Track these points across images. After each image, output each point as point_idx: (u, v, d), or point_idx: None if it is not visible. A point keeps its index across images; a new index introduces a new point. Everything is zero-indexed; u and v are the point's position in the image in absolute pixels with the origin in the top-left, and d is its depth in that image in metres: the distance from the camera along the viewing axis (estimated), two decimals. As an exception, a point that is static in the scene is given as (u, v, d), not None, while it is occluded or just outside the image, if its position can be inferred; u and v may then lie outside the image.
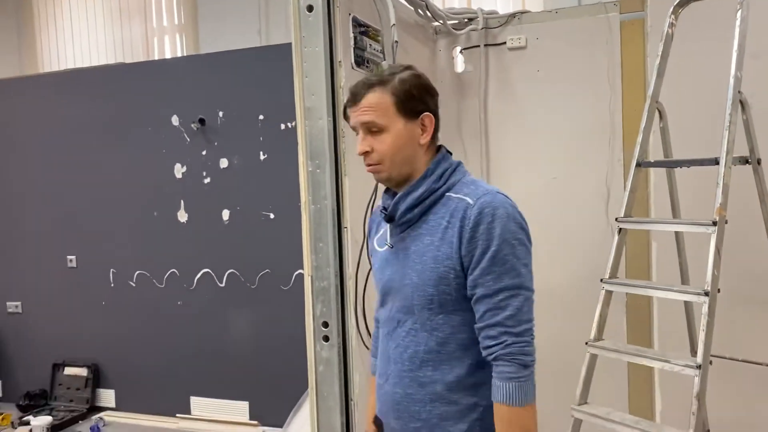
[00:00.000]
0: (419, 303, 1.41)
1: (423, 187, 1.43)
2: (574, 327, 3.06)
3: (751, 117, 2.17)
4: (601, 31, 3.17)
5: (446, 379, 1.41)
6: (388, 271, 1.50)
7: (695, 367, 1.86)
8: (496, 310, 1.37)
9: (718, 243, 1.93)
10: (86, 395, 4.32)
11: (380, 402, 1.54)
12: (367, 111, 1.43)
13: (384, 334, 1.53)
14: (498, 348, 1.36)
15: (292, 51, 2.29)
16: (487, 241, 1.37)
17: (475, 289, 1.38)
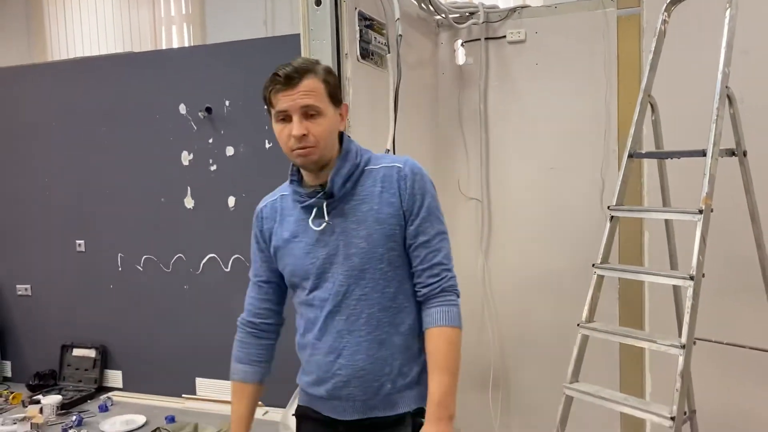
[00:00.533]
0: (371, 265, 1.55)
1: (348, 164, 1.58)
2: (569, 311, 3.18)
3: (737, 111, 2.27)
4: (599, 26, 3.28)
5: (400, 329, 1.59)
6: (322, 251, 1.59)
7: (680, 347, 1.97)
8: (435, 252, 1.59)
9: (704, 231, 2.04)
10: (94, 376, 4.43)
11: (332, 379, 1.61)
12: (308, 95, 1.53)
13: (327, 311, 1.60)
14: (443, 282, 1.59)
15: (301, 44, 2.39)
16: (422, 195, 1.58)
17: (417, 237, 1.58)
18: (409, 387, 1.61)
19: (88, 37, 4.83)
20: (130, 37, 4.67)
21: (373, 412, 1.61)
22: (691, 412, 2.67)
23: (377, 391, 1.59)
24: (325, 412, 1.67)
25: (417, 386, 1.62)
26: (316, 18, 2.39)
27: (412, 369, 1.60)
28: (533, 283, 3.49)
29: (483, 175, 3.54)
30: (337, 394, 1.62)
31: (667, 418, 1.95)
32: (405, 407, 1.60)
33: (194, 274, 4.21)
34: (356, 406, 1.61)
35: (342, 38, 2.40)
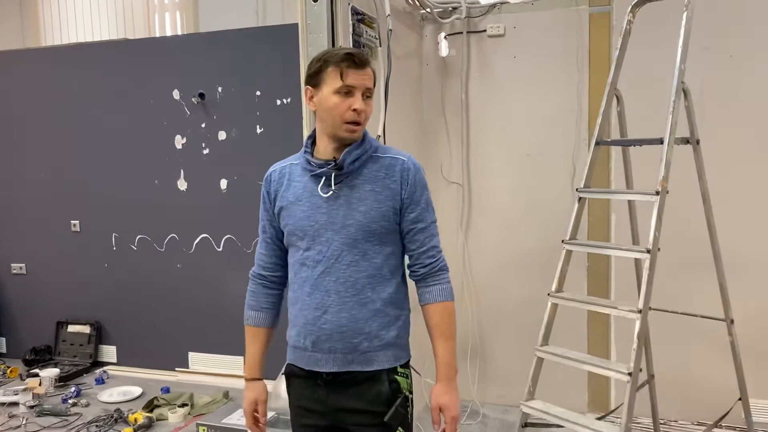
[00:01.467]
0: (362, 237, 1.72)
1: (362, 147, 1.75)
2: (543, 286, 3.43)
3: (692, 103, 2.52)
4: (572, 22, 3.52)
5: (382, 296, 1.75)
6: (323, 216, 1.73)
7: (637, 312, 2.23)
8: (431, 237, 1.80)
9: (660, 210, 2.30)
10: (89, 351, 4.62)
11: (316, 333, 1.75)
12: (371, 79, 1.73)
13: (319, 271, 1.74)
14: (438, 262, 1.80)
15: (299, 37, 2.58)
16: (422, 188, 1.78)
17: (416, 224, 1.77)
18: (385, 348, 1.77)
19: (81, 23, 4.93)
20: (124, 23, 4.79)
21: (351, 365, 1.75)
22: (650, 377, 2.94)
23: (356, 347, 1.74)
24: (307, 366, 1.80)
25: (392, 348, 1.78)
26: (313, 12, 2.58)
27: (389, 332, 1.77)
28: (509, 261, 3.74)
29: (464, 160, 3.77)
30: (320, 347, 1.76)
31: (625, 374, 2.21)
32: (380, 365, 1.76)
33: (187, 254, 4.40)
34: (336, 359, 1.76)
35: (337, 32, 2.60)
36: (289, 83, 4.02)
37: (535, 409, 2.42)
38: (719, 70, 3.22)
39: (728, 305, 2.66)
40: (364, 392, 1.76)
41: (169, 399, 3.85)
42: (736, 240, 3.10)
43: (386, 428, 1.74)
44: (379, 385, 1.76)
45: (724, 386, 3.10)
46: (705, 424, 3.31)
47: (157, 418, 3.64)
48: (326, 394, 1.79)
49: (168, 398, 3.86)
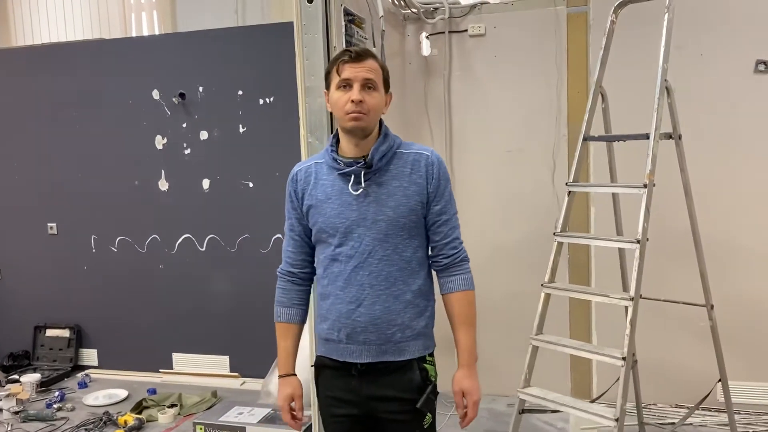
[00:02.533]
0: (393, 232, 1.78)
1: (387, 144, 1.81)
2: (526, 277, 3.56)
3: (674, 101, 2.65)
4: (550, 22, 3.63)
5: (412, 288, 1.82)
6: (354, 214, 1.77)
7: (629, 299, 2.34)
8: (453, 228, 1.87)
9: (648, 202, 2.41)
10: (69, 355, 4.56)
11: (350, 326, 1.81)
12: (371, 70, 1.76)
13: (352, 266, 1.80)
14: (461, 253, 1.88)
15: (294, 37, 2.61)
16: (445, 181, 1.85)
17: (441, 216, 1.84)
18: (415, 338, 1.83)
19: (54, 22, 4.83)
20: (99, 23, 4.72)
21: (385, 356, 1.80)
22: (633, 362, 3.07)
23: (389, 339, 1.80)
24: (341, 357, 1.85)
25: (422, 337, 1.85)
26: (308, 14, 2.61)
27: (419, 323, 1.83)
28: (491, 254, 3.83)
29: (447, 157, 3.85)
30: (355, 339, 1.82)
31: (619, 358, 2.32)
32: (411, 354, 1.82)
33: (169, 254, 4.39)
34: (371, 350, 1.82)
35: (331, 32, 2.64)
36: (271, 82, 4.05)
37: (532, 395, 2.51)
38: (690, 68, 3.37)
39: (708, 292, 2.80)
40: (395, 381, 1.81)
41: (157, 400, 3.84)
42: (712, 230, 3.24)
43: (417, 414, 1.80)
44: (411, 374, 1.81)
45: (702, 370, 3.26)
46: (683, 407, 3.48)
47: (147, 420, 3.64)
48: (359, 384, 1.83)
49: (156, 399, 3.85)
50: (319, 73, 2.62)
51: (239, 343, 4.29)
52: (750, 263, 3.41)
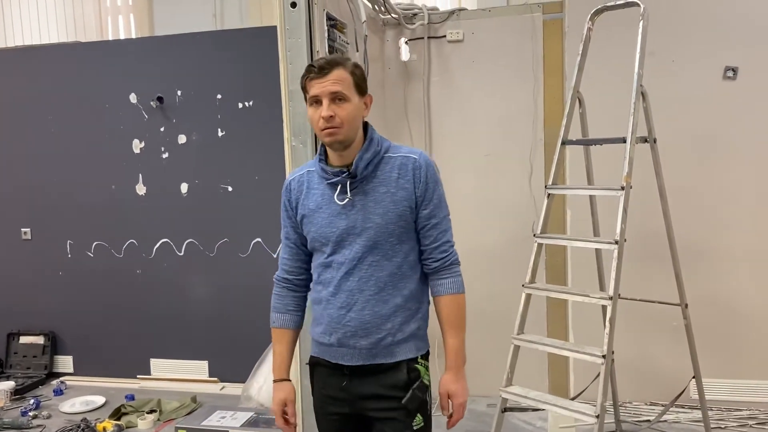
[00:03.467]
0: (383, 238, 1.78)
1: (372, 150, 1.79)
2: (504, 279, 3.62)
3: (649, 105, 2.73)
4: (527, 29, 3.70)
5: (403, 292, 1.82)
6: (343, 223, 1.79)
7: (608, 299, 2.41)
8: (443, 232, 1.86)
9: (625, 204, 2.48)
10: (44, 362, 4.49)
11: (341, 330, 1.83)
12: (336, 83, 1.72)
13: (342, 273, 1.82)
14: (451, 256, 1.88)
15: (278, 42, 2.63)
16: (434, 184, 1.83)
17: (430, 219, 1.83)
18: (406, 340, 1.84)
19: (29, 25, 4.77)
20: (74, 26, 4.66)
21: (375, 359, 1.83)
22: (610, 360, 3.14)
23: (379, 342, 1.82)
24: (333, 359, 1.88)
25: (413, 339, 1.85)
26: (291, 18, 2.63)
27: (409, 326, 1.84)
28: (469, 256, 3.81)
29: (425, 161, 3.90)
30: (346, 343, 1.84)
31: (599, 356, 2.38)
32: (402, 356, 1.83)
33: (147, 259, 4.35)
34: (361, 353, 1.84)
35: (314, 37, 2.66)
36: (251, 86, 4.05)
37: (514, 394, 2.56)
38: (662, 74, 3.46)
39: (683, 291, 2.88)
40: (384, 380, 1.83)
41: (136, 406, 3.81)
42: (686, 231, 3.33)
43: (405, 412, 1.81)
44: (399, 373, 1.83)
45: (676, 368, 3.35)
46: (658, 404, 3.56)
47: (126, 426, 3.61)
48: (350, 384, 1.86)
49: (135, 405, 3.82)
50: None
51: (218, 348, 4.27)
52: (722, 263, 3.51)
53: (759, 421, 3.37)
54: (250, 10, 4.51)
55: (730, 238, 3.51)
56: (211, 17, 4.49)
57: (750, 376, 3.54)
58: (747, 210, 3.49)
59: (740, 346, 3.53)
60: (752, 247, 3.49)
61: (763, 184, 3.47)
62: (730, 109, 3.47)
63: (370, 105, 1.85)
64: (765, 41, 3.41)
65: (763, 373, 3.52)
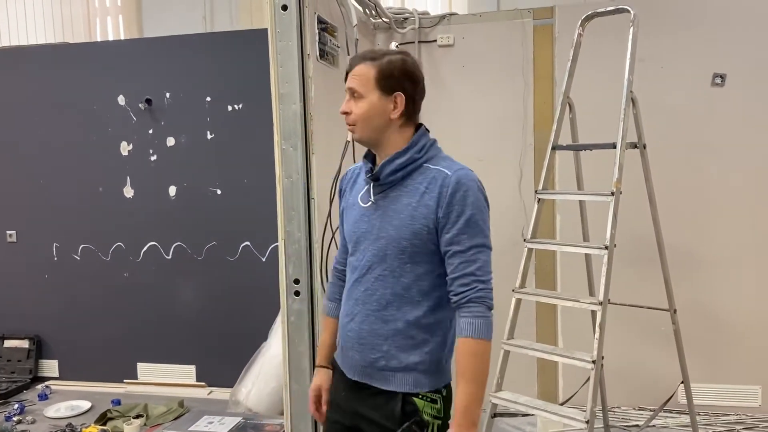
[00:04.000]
0: (392, 253, 1.65)
1: (407, 156, 1.65)
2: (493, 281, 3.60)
3: (639, 111, 2.74)
4: (517, 34, 3.71)
5: (406, 318, 1.66)
6: (364, 225, 1.71)
7: (598, 304, 2.41)
8: (469, 263, 1.60)
9: (615, 209, 2.48)
10: (29, 366, 4.44)
11: (344, 338, 1.77)
12: (354, 78, 1.66)
13: (354, 279, 1.72)
14: (471, 292, 1.60)
15: (269, 44, 2.61)
16: (463, 206, 1.60)
17: (450, 246, 1.61)
18: (404, 371, 1.68)
19: (16, 25, 4.73)
20: (62, 27, 4.62)
21: (369, 379, 1.72)
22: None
23: (373, 363, 1.70)
24: (340, 365, 1.83)
25: (412, 372, 1.68)
26: (282, 21, 2.61)
27: (409, 356, 1.67)
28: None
29: (415, 165, 3.89)
30: (346, 352, 1.79)
31: (589, 362, 2.37)
32: (397, 386, 1.68)
33: (134, 262, 4.31)
34: (356, 368, 1.76)
35: (305, 40, 2.65)
36: (240, 89, 4.03)
37: (504, 399, 2.55)
38: (651, 80, 3.48)
39: (672, 297, 2.89)
40: (379, 406, 1.72)
41: (122, 411, 3.77)
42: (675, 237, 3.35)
43: None
44: (394, 404, 1.69)
45: (664, 373, 3.36)
46: (647, 409, 3.57)
47: (112, 431, 3.56)
48: (348, 396, 1.80)
49: (121, 410, 3.78)
50: (293, 80, 2.63)
51: (206, 353, 4.24)
52: (711, 269, 3.54)
53: (746, 426, 3.38)
54: (240, 13, 4.49)
55: (719, 243, 3.53)
56: (200, 19, 4.46)
57: (737, 381, 3.56)
58: (735, 216, 3.51)
59: (728, 351, 3.55)
60: (741, 253, 3.51)
61: (752, 190, 3.49)
62: (719, 115, 3.49)
63: (401, 105, 1.68)
64: (753, 49, 3.44)
65: (750, 378, 3.54)
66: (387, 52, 1.72)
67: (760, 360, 3.52)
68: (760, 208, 3.48)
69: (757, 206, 3.49)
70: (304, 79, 2.66)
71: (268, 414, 3.54)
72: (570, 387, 3.60)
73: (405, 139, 1.70)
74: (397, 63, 1.68)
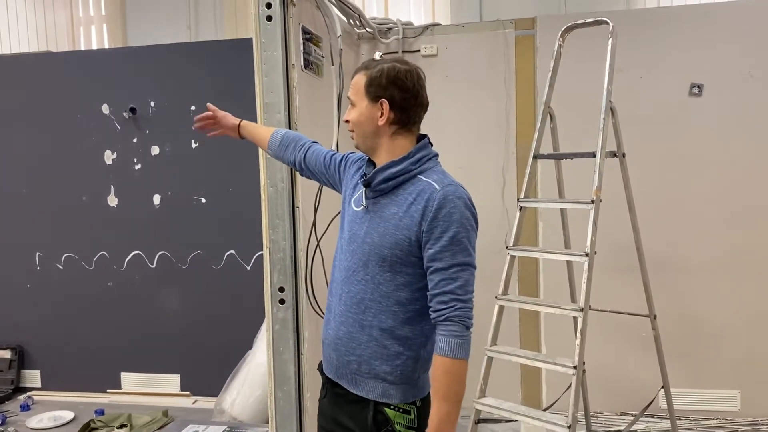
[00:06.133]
0: (374, 259, 1.66)
1: (401, 166, 1.65)
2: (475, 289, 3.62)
3: (618, 121, 2.79)
4: (499, 44, 3.77)
5: (382, 326, 1.67)
6: (355, 227, 1.73)
7: (579, 310, 2.45)
8: (449, 281, 1.58)
9: (595, 217, 2.53)
10: (10, 377, 4.39)
11: (324, 335, 1.80)
12: (351, 87, 1.74)
13: (340, 278, 1.74)
14: (449, 311, 1.58)
15: (254, 54, 2.64)
16: (448, 223, 1.58)
17: (433, 262, 1.59)
18: (375, 378, 1.69)
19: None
20: (45, 36, 4.60)
21: (342, 380, 1.75)
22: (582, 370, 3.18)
23: (346, 365, 1.73)
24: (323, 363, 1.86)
25: (382, 382, 1.69)
26: (267, 31, 2.64)
27: (381, 365, 1.68)
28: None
29: (399, 173, 3.92)
30: (325, 349, 1.82)
31: (571, 367, 2.41)
32: (366, 393, 1.70)
33: (118, 271, 4.30)
34: (333, 367, 1.78)
35: (289, 50, 2.67)
36: (225, 98, 4.01)
37: (487, 405, 2.58)
38: (630, 90, 3.55)
39: (651, 303, 2.94)
40: (354, 413, 1.73)
41: (106, 421, 3.75)
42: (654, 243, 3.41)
43: None
44: (365, 412, 1.71)
45: (645, 378, 3.40)
46: (628, 414, 3.61)
47: (96, 441, 3.55)
48: (327, 402, 1.82)
49: (105, 420, 3.76)
50: (278, 89, 2.66)
51: (190, 362, 4.22)
52: (690, 275, 3.60)
53: (727, 429, 3.44)
54: (225, 22, 4.51)
55: (697, 249, 3.60)
56: (185, 29, 4.47)
57: (717, 385, 3.62)
58: (712, 222, 3.58)
59: (708, 356, 3.61)
60: (718, 259, 3.58)
61: (728, 197, 3.56)
62: (696, 125, 3.56)
63: (386, 112, 1.68)
64: (729, 59, 3.51)
65: (730, 383, 3.60)
66: (385, 61, 1.74)
67: (738, 364, 3.58)
68: (737, 215, 3.56)
69: (734, 213, 3.56)
70: (289, 88, 2.69)
71: (253, 422, 3.54)
72: (553, 393, 3.64)
73: (401, 147, 1.71)
74: (386, 71, 1.68)
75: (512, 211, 3.76)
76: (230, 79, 3.97)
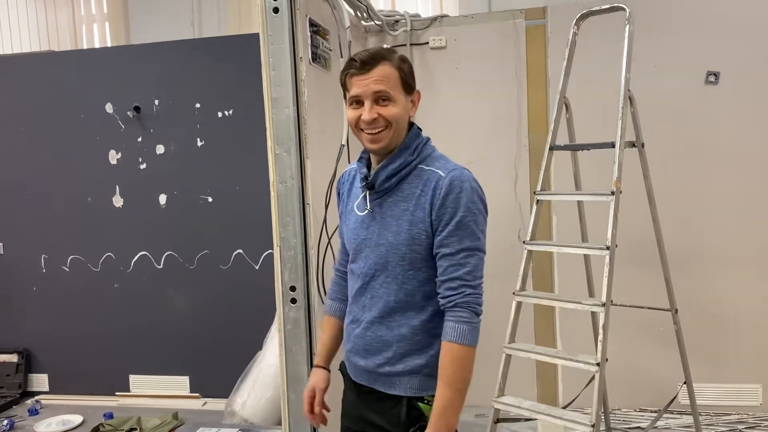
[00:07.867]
0: (393, 260, 1.61)
1: (400, 160, 1.61)
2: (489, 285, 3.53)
3: (637, 110, 2.71)
4: (510, 35, 3.69)
5: (411, 323, 1.63)
6: (363, 233, 1.67)
7: (600, 305, 2.37)
8: (458, 266, 1.56)
9: (616, 209, 2.45)
10: (18, 381, 4.34)
11: (351, 343, 1.75)
12: (380, 81, 1.55)
13: (358, 286, 1.70)
14: (457, 297, 1.56)
15: (260, 48, 2.57)
16: (455, 208, 1.56)
17: (440, 248, 1.57)
18: (409, 374, 1.65)
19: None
20: (48, 35, 4.54)
21: (375, 384, 1.71)
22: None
23: (377, 368, 1.68)
24: (348, 370, 1.80)
25: (417, 376, 1.66)
26: (273, 24, 2.57)
27: (414, 360, 1.64)
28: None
29: (409, 168, 3.85)
30: (352, 357, 1.76)
31: (594, 364, 2.33)
32: (401, 391, 1.66)
33: (125, 273, 4.24)
34: (362, 373, 1.73)
35: (297, 43, 2.60)
36: (231, 95, 3.98)
37: (507, 404, 2.51)
38: (645, 79, 3.46)
39: (673, 296, 2.86)
40: (385, 411, 1.70)
41: (115, 424, 3.69)
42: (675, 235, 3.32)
43: None
44: (399, 409, 1.67)
45: (665, 374, 3.33)
46: (647, 410, 3.54)
47: (105, 446, 3.49)
48: (357, 402, 1.78)
49: (114, 423, 3.70)
50: (286, 83, 2.58)
51: (200, 363, 4.16)
52: (712, 267, 3.51)
53: (748, 425, 3.36)
54: (229, 18, 4.44)
55: (719, 241, 3.51)
56: (188, 25, 4.40)
57: (738, 380, 3.53)
58: (735, 213, 3.49)
59: (727, 349, 3.53)
60: (740, 251, 3.49)
61: (750, 187, 3.47)
62: (713, 114, 3.48)
63: (418, 102, 1.66)
64: (746, 47, 3.43)
65: (752, 377, 3.52)
66: (388, 50, 1.66)
67: (760, 358, 3.50)
68: (759, 205, 3.47)
69: (756, 203, 3.47)
70: (297, 82, 2.62)
71: (265, 424, 3.48)
72: (570, 390, 3.56)
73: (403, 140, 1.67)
74: (406, 61, 1.65)
75: (525, 205, 3.69)
76: (235, 75, 3.91)
